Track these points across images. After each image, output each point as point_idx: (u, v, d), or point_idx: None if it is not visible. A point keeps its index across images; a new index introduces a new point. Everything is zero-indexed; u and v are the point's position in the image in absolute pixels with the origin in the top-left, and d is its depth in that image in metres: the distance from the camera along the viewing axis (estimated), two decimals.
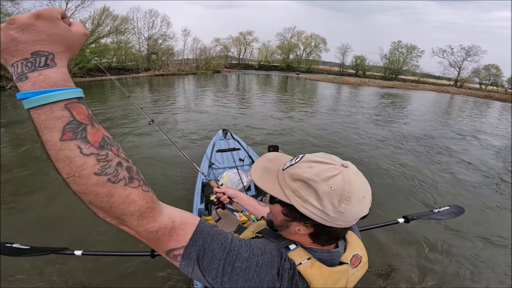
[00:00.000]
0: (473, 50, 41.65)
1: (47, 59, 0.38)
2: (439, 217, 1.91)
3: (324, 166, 0.58)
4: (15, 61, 0.37)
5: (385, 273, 2.52)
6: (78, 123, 0.39)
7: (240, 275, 0.52)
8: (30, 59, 0.37)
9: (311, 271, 0.59)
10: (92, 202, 0.42)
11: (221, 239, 0.53)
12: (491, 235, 3.15)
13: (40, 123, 0.38)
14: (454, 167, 5.39)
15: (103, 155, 0.41)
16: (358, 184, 0.57)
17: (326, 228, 0.59)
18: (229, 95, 14.43)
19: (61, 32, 0.39)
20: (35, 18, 0.37)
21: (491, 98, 29.18)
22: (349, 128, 8.06)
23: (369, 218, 2.50)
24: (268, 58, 50.03)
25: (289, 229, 0.64)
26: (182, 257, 0.50)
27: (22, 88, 0.37)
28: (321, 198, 0.55)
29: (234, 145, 3.61)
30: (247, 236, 0.80)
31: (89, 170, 0.39)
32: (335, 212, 0.55)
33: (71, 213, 3.14)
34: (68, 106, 0.39)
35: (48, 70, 0.38)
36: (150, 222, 0.46)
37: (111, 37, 26.68)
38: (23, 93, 0.37)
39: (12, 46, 0.37)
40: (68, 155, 0.38)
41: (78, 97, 0.41)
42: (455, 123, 10.82)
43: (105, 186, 0.40)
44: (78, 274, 2.28)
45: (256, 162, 0.71)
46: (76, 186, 0.40)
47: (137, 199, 0.43)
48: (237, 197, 1.29)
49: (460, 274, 2.55)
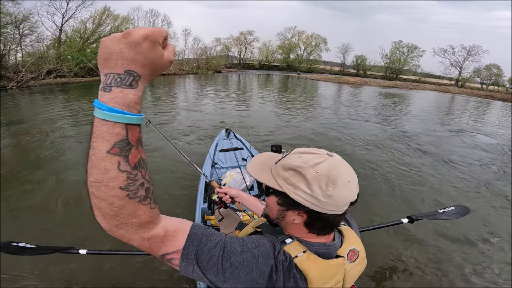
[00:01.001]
0: (474, 50, 41.68)
1: (133, 80, 0.42)
2: (444, 217, 1.90)
3: (311, 155, 0.64)
4: (109, 72, 0.41)
5: (389, 273, 2.51)
6: (127, 143, 0.43)
7: (240, 268, 0.55)
8: (121, 75, 0.41)
9: (307, 264, 0.61)
10: (102, 207, 0.45)
11: (216, 238, 0.57)
12: (493, 235, 3.15)
13: (99, 132, 0.42)
14: (457, 166, 5.38)
15: (133, 175, 0.45)
16: (342, 169, 0.62)
17: (319, 215, 0.62)
18: (230, 94, 14.43)
19: (155, 57, 0.42)
20: (144, 38, 0.40)
21: (492, 98, 29.12)
22: (350, 127, 8.06)
23: (373, 218, 2.51)
24: (269, 58, 50.06)
25: (285, 219, 0.67)
26: (181, 259, 0.53)
27: (102, 97, 0.41)
28: (309, 183, 0.60)
29: (237, 145, 3.60)
30: (247, 231, 0.83)
31: (116, 183, 0.43)
32: (324, 196, 0.59)
33: (75, 212, 3.14)
34: (127, 127, 0.43)
35: (129, 90, 0.42)
36: (145, 231, 0.50)
37: None
38: (102, 104, 0.41)
39: (115, 58, 0.40)
40: (106, 166, 0.42)
41: (138, 122, 0.45)
42: (457, 122, 10.80)
43: (123, 199, 0.44)
44: (83, 273, 2.28)
45: (252, 159, 0.77)
46: (97, 191, 0.44)
47: (142, 214, 0.47)
48: (239, 197, 1.30)
49: (463, 274, 2.55)
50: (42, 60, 17.17)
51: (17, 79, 14.15)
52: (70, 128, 6.67)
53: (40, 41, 19.48)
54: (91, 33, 24.56)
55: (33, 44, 18.82)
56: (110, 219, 0.46)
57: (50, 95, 12.37)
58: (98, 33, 25.21)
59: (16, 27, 16.99)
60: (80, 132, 6.39)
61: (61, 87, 15.13)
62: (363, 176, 4.50)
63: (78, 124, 7.04)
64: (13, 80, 14.03)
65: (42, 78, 15.66)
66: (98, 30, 25.09)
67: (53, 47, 21.50)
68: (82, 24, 24.23)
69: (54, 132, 6.23)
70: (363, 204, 3.51)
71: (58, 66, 17.51)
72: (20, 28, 17.27)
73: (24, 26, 17.53)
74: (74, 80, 17.91)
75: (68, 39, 22.91)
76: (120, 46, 0.40)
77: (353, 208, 0.66)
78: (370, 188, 4.12)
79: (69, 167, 4.36)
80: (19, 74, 14.51)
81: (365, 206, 3.53)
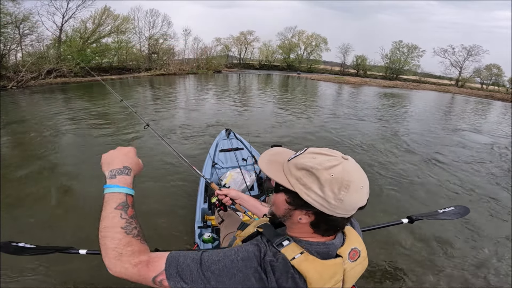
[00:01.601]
0: (474, 50, 41.47)
1: (128, 171, 0.74)
2: (444, 217, 1.90)
3: (326, 157, 0.63)
4: (113, 168, 0.73)
5: (390, 273, 2.51)
6: (126, 204, 0.69)
7: (222, 275, 0.60)
8: (121, 169, 0.73)
9: (305, 265, 0.61)
10: (106, 244, 0.65)
11: (191, 255, 0.64)
12: (493, 235, 3.15)
13: (109, 198, 0.69)
14: (457, 166, 5.38)
15: (130, 221, 0.68)
16: (356, 174, 0.62)
17: (326, 217, 0.62)
18: (230, 94, 14.43)
19: (137, 161, 0.79)
20: (130, 151, 0.78)
21: (492, 98, 29.07)
22: (351, 128, 8.06)
23: (373, 218, 2.50)
24: (269, 58, 49.92)
25: (292, 218, 0.67)
26: (168, 279, 0.61)
27: (110, 181, 0.71)
28: (323, 185, 0.60)
29: (237, 145, 3.59)
30: (249, 231, 0.85)
31: (118, 225, 0.66)
32: (335, 200, 0.59)
33: (74, 212, 3.14)
34: (126, 195, 0.70)
35: (127, 176, 0.73)
36: (135, 258, 0.64)
37: (112, 36, 26.70)
38: (111, 185, 0.71)
39: (117, 161, 0.75)
40: (113, 216, 0.67)
41: (132, 193, 0.73)
42: (457, 122, 10.80)
43: (121, 234, 0.65)
44: (82, 274, 2.28)
45: (262, 155, 0.76)
46: (105, 232, 0.65)
47: (134, 245, 0.65)
48: (239, 199, 1.29)
49: (463, 274, 2.55)
50: (42, 60, 17.16)
51: (17, 79, 14.16)
52: (69, 128, 6.68)
53: (40, 41, 19.52)
54: (91, 33, 24.53)
55: (33, 44, 18.86)
56: (111, 252, 0.63)
57: (50, 94, 12.37)
58: (98, 33, 25.20)
59: (16, 27, 16.99)
60: (78, 132, 6.39)
61: (62, 87, 15.14)
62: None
63: (77, 124, 7.04)
64: (13, 80, 14.03)
65: (42, 78, 15.65)
66: (98, 30, 25.07)
67: (53, 47, 21.49)
68: (82, 24, 24.21)
69: (53, 131, 6.24)
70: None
71: (58, 66, 17.50)
72: (20, 28, 17.28)
73: (24, 26, 17.54)
74: (74, 80, 17.90)
75: (68, 39, 22.90)
76: (118, 155, 0.76)
77: None
78: (372, 187, 4.11)
79: (68, 167, 4.37)
80: (19, 74, 14.51)
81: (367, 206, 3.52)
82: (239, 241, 0.87)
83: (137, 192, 0.74)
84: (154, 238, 2.78)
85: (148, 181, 3.84)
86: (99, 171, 0.76)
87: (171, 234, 2.84)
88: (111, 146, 5.53)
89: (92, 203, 3.27)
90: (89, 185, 3.74)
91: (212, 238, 2.02)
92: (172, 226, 2.96)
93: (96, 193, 3.54)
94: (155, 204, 3.33)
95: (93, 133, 6.34)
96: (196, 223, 2.34)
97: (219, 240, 2.00)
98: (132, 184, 0.73)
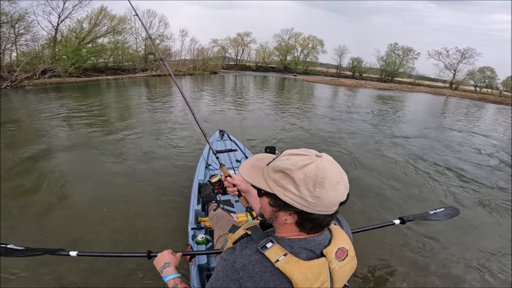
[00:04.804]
0: (468, 53, 42.01)
1: (168, 264, 1.03)
2: (435, 218, 1.92)
3: (300, 157, 0.65)
4: (161, 265, 1.03)
5: (382, 274, 2.53)
6: (175, 284, 0.95)
7: None
8: (163, 265, 1.03)
9: (289, 267, 0.62)
10: None
11: None
12: (487, 235, 3.19)
13: (167, 284, 0.97)
14: (450, 167, 5.44)
15: None
16: (330, 171, 0.63)
17: (308, 216, 0.64)
18: (226, 96, 14.43)
19: (171, 257, 1.08)
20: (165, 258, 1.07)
21: (485, 100, 29.44)
22: (345, 130, 8.10)
23: (365, 219, 2.52)
24: (266, 59, 50.01)
25: (278, 219, 0.69)
26: None
27: (165, 274, 1.00)
28: (298, 184, 0.61)
29: (231, 146, 3.60)
30: (239, 234, 0.87)
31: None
32: (312, 197, 0.61)
33: (67, 214, 3.12)
34: (174, 278, 0.97)
35: (168, 268, 1.02)
36: None
37: (108, 37, 26.54)
38: (163, 277, 0.99)
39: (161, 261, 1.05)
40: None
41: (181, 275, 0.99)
42: (450, 124, 10.92)
43: None
44: (73, 275, 2.26)
45: (245, 161, 0.78)
46: None
47: None
48: (247, 193, 1.23)
49: (457, 274, 2.58)
50: (37, 59, 17.00)
51: (11, 78, 14.02)
52: (62, 127, 6.62)
53: (36, 40, 19.32)
54: (87, 33, 24.37)
55: (28, 44, 18.66)
56: None
57: (44, 94, 12.25)
58: (94, 33, 25.04)
59: (12, 26, 16.84)
60: (71, 133, 6.34)
61: (56, 87, 15.00)
62: (356, 178, 4.54)
63: (70, 124, 6.99)
64: (7, 79, 13.89)
65: (37, 78, 15.52)
66: (94, 30, 24.91)
67: (48, 46, 21.31)
68: (78, 24, 24.05)
69: (46, 131, 6.17)
70: (355, 206, 3.54)
71: (53, 66, 17.36)
72: (16, 27, 17.12)
73: (19, 26, 17.39)
74: (69, 80, 17.77)
75: (64, 39, 22.72)
76: (161, 257, 1.07)
77: (347, 209, 0.67)
78: (364, 189, 4.14)
79: (61, 167, 4.33)
80: (14, 73, 14.36)
81: (358, 207, 3.55)
82: (230, 243, 0.88)
83: (130, 194, 0.75)
84: (148, 239, 2.77)
85: (141, 182, 3.82)
86: (91, 171, 0.76)
87: (164, 236, 2.84)
88: (106, 145, 5.46)
89: (85, 203, 3.25)
90: (81, 185, 3.71)
91: (205, 239, 2.02)
92: (165, 228, 2.95)
93: (88, 194, 3.53)
94: (148, 206, 3.31)
95: (86, 131, 6.30)
96: (190, 225, 2.33)
97: (212, 241, 1.99)
98: (175, 269, 1.02)
